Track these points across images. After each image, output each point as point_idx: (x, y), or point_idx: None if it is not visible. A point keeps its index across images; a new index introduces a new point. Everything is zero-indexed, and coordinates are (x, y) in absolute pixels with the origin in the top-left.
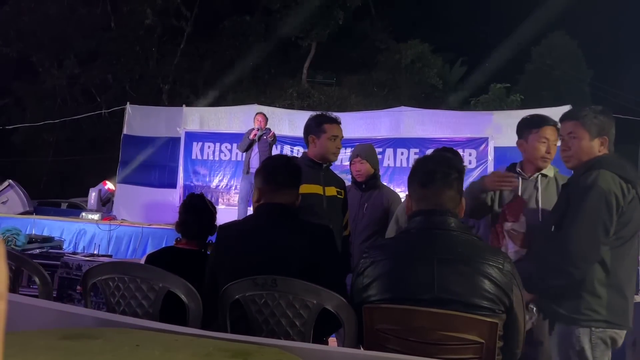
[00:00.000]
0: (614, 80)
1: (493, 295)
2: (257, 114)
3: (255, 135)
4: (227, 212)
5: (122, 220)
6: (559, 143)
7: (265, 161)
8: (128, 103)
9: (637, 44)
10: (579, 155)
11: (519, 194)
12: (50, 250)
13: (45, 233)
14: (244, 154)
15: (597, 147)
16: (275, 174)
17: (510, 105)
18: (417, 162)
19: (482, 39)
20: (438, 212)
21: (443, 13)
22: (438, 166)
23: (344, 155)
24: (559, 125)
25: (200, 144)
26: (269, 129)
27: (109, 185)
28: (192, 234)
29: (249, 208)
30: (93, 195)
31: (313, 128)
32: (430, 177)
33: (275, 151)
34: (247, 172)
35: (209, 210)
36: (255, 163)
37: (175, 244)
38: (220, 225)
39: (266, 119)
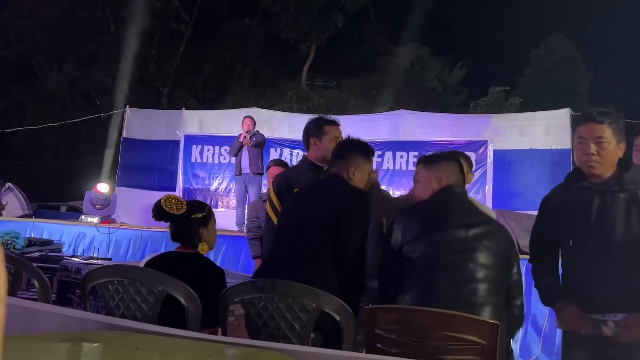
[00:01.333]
0: (613, 83)
1: (508, 250)
2: (245, 117)
3: (244, 137)
4: (227, 215)
5: (122, 224)
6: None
7: None
8: (127, 106)
9: (636, 47)
10: (607, 162)
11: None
12: (50, 254)
13: (45, 236)
14: (234, 157)
15: (619, 153)
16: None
17: (509, 109)
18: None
19: (481, 42)
20: (456, 186)
21: (442, 16)
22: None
23: None
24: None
25: (199, 147)
26: (257, 131)
27: (99, 187)
28: (175, 238)
29: (246, 211)
30: (85, 198)
31: (314, 130)
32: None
33: (274, 154)
34: (240, 174)
35: (170, 214)
36: (245, 164)
37: (175, 249)
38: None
39: (254, 122)
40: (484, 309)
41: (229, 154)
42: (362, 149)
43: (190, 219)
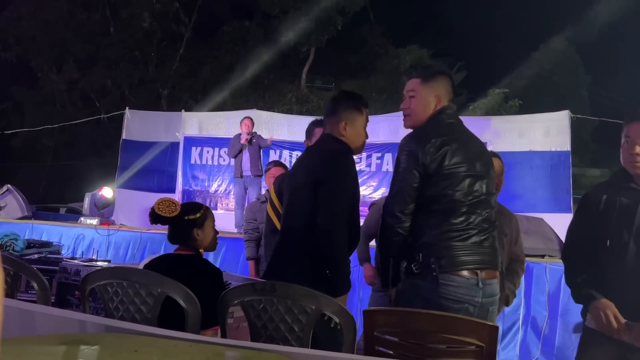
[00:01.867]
0: (612, 85)
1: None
2: (243, 118)
3: (246, 139)
4: (226, 216)
5: (121, 225)
6: None
7: None
8: (127, 108)
9: (635, 49)
10: None
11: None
12: (49, 256)
13: (44, 238)
14: (234, 158)
15: None
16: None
17: (509, 111)
18: None
19: (480, 44)
20: (451, 107)
21: (441, 18)
22: None
23: None
24: None
25: (199, 148)
26: (256, 132)
27: (104, 191)
28: (172, 240)
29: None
30: (87, 200)
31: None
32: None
33: (273, 156)
34: (240, 176)
35: (163, 217)
36: (246, 166)
37: (174, 251)
38: None
39: (253, 123)
40: (492, 236)
41: (227, 155)
42: (351, 101)
43: (183, 221)
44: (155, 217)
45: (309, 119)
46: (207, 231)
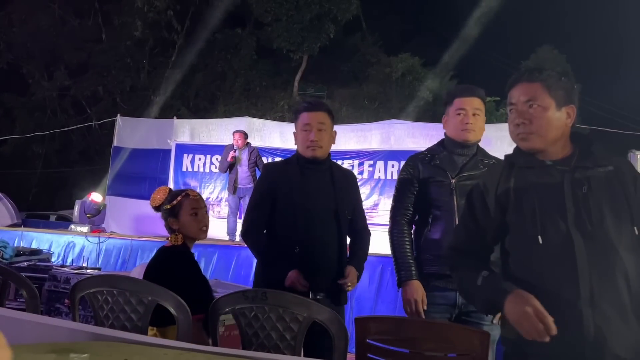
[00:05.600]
0: (602, 95)
1: None
2: (234, 132)
3: (232, 158)
4: (217, 224)
5: (111, 233)
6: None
7: None
8: (118, 115)
9: (624, 57)
10: (543, 132)
11: None
12: (39, 263)
13: (34, 245)
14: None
15: (564, 119)
16: None
17: (500, 119)
18: None
19: (472, 53)
20: None
21: (433, 27)
22: None
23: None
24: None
25: (190, 156)
26: (249, 144)
27: (93, 197)
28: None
29: (239, 220)
30: (77, 207)
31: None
32: None
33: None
34: (234, 193)
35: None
36: (245, 182)
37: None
38: None
39: (245, 137)
40: None
41: (219, 170)
42: None
43: (162, 210)
44: (153, 208)
45: None
46: (183, 219)
